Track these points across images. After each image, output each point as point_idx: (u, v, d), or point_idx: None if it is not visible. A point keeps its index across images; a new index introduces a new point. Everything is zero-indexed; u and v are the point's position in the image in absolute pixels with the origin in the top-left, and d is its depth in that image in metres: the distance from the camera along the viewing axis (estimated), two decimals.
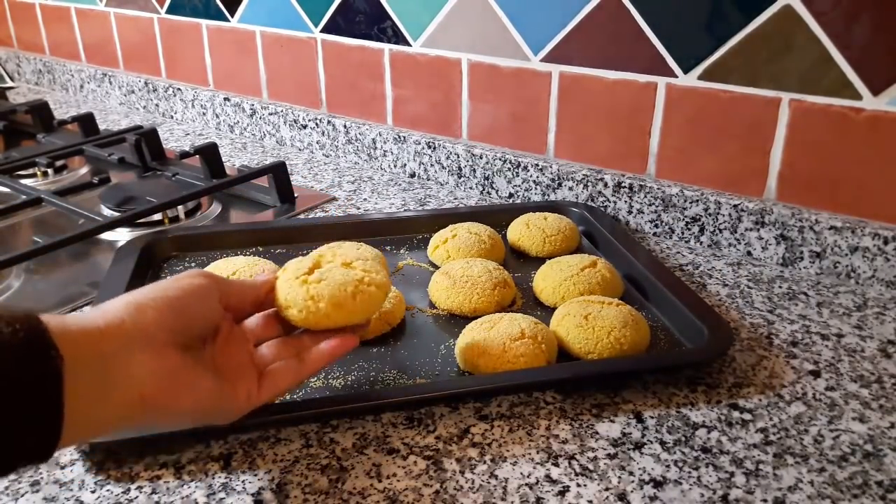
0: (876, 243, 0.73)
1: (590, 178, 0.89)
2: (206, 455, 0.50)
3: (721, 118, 0.79)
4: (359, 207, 0.94)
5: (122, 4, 1.37)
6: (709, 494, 0.47)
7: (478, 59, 0.95)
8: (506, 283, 0.68)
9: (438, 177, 1.02)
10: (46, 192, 0.88)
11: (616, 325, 0.59)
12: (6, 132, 1.20)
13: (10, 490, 0.47)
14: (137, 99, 1.39)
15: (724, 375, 0.59)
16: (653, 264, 0.72)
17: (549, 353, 0.58)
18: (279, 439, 0.51)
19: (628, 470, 0.49)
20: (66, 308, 0.69)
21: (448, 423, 0.53)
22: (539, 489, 0.47)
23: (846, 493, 0.47)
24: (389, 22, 1.01)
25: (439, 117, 1.01)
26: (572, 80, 0.88)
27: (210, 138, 1.22)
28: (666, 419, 0.54)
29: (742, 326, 0.67)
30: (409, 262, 0.78)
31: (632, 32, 0.82)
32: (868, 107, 0.71)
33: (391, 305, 0.64)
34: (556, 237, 0.79)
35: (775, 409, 0.55)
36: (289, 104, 1.18)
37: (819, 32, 0.71)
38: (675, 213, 0.84)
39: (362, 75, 1.07)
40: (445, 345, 0.62)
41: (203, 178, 0.97)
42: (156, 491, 0.47)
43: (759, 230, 0.79)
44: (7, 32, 1.65)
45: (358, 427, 0.53)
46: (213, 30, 1.24)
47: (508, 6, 0.90)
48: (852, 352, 0.63)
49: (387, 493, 0.47)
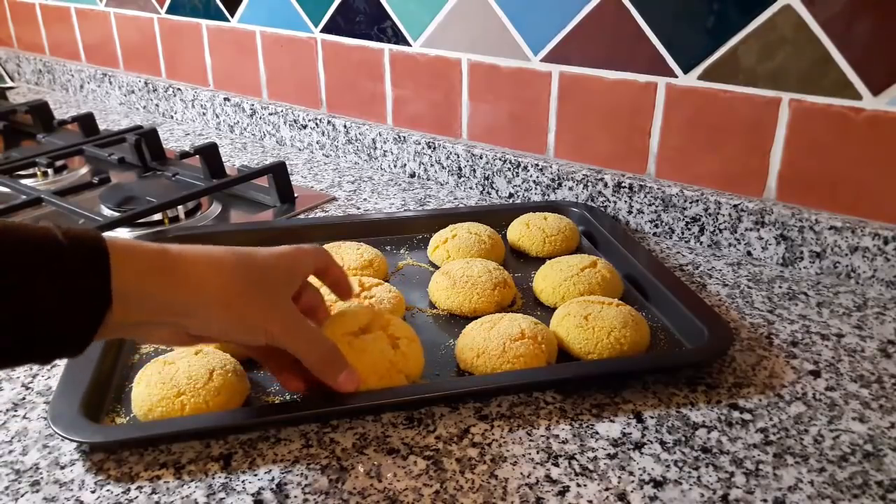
0: (876, 243, 0.73)
1: (590, 178, 0.89)
2: (206, 455, 0.50)
3: (721, 118, 0.79)
4: (359, 207, 0.94)
5: (122, 4, 1.37)
6: (709, 494, 0.47)
7: (478, 59, 0.95)
8: (506, 283, 0.68)
9: (438, 177, 1.02)
10: (46, 192, 0.88)
11: (616, 325, 0.59)
12: (6, 132, 1.20)
13: (10, 490, 0.47)
14: (137, 99, 1.39)
15: (724, 375, 0.59)
16: (653, 264, 0.72)
17: (549, 354, 0.58)
18: (279, 439, 0.51)
19: (628, 470, 0.49)
20: None
21: (448, 423, 0.53)
22: (539, 489, 0.47)
23: (846, 493, 0.47)
24: (389, 22, 1.01)
25: (439, 117, 1.01)
26: (572, 80, 0.88)
27: (210, 138, 1.22)
28: (666, 419, 0.54)
29: (742, 326, 0.67)
30: (409, 262, 0.78)
31: (632, 32, 0.82)
32: (868, 107, 0.71)
33: (391, 305, 0.64)
34: (556, 237, 0.79)
35: (775, 409, 0.55)
36: (289, 104, 1.18)
37: (819, 32, 0.71)
38: (675, 213, 0.84)
39: (362, 75, 1.07)
40: (445, 345, 0.62)
41: (203, 178, 0.97)
42: (156, 491, 0.47)
43: (759, 230, 0.79)
44: (7, 32, 1.65)
45: (358, 427, 0.53)
46: (213, 30, 1.24)
47: (508, 6, 0.90)
48: (852, 352, 0.63)
49: (387, 493, 0.47)
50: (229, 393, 0.53)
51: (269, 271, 0.48)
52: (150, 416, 0.52)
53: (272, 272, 0.48)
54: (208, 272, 0.45)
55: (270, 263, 0.49)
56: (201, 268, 0.45)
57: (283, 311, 0.49)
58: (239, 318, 0.47)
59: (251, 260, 0.48)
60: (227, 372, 0.54)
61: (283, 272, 0.49)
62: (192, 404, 0.51)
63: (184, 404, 0.51)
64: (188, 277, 0.44)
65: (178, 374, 0.53)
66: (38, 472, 0.49)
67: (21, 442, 0.51)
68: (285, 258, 0.50)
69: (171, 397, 0.51)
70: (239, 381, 0.54)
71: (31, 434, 0.52)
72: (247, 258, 0.48)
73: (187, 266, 0.44)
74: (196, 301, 0.45)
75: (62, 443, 0.51)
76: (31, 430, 0.53)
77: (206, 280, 0.45)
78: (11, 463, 0.49)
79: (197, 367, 0.53)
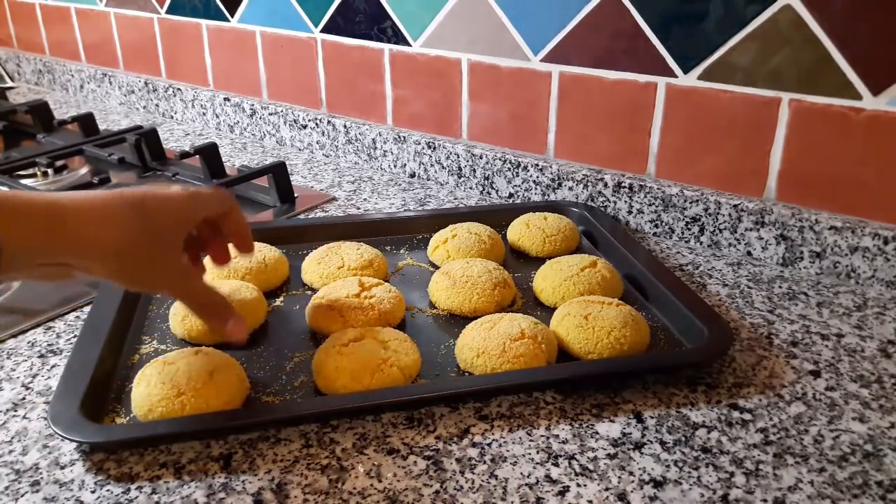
0: (876, 243, 0.73)
1: (590, 178, 0.89)
2: (206, 455, 0.50)
3: (721, 118, 0.79)
4: (359, 207, 0.94)
5: (122, 4, 1.37)
6: (709, 494, 0.47)
7: (478, 59, 0.95)
8: (506, 283, 0.68)
9: (438, 177, 1.02)
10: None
11: (616, 325, 0.59)
12: (6, 132, 1.20)
13: (11, 490, 0.47)
14: (137, 99, 1.39)
15: (724, 375, 0.59)
16: (653, 264, 0.72)
17: (549, 353, 0.58)
18: (279, 439, 0.51)
19: (628, 470, 0.49)
20: (66, 308, 0.69)
21: (448, 423, 0.53)
22: (539, 489, 0.47)
23: (846, 493, 0.47)
24: (389, 22, 1.01)
25: (439, 117, 1.01)
26: (572, 80, 0.88)
27: (210, 138, 1.22)
28: (666, 419, 0.54)
29: (742, 326, 0.67)
30: (409, 262, 0.78)
31: (632, 32, 0.82)
32: (868, 107, 0.71)
33: (391, 305, 0.64)
34: (556, 237, 0.79)
35: (775, 409, 0.55)
36: (289, 104, 1.18)
37: (819, 32, 0.71)
38: (675, 213, 0.84)
39: (362, 75, 1.07)
40: (445, 345, 0.62)
41: (203, 178, 0.97)
42: (156, 491, 0.47)
43: (759, 230, 0.79)
44: (7, 32, 1.65)
45: (358, 427, 0.53)
46: (213, 30, 1.24)
47: (508, 6, 0.90)
48: (852, 352, 0.63)
49: (387, 493, 0.47)
50: (229, 393, 0.53)
51: (159, 218, 0.48)
52: (150, 417, 0.52)
53: (162, 220, 0.49)
54: (99, 228, 0.46)
55: (162, 209, 0.49)
56: (92, 226, 0.45)
57: (170, 267, 0.50)
58: (127, 274, 0.48)
59: (142, 208, 0.48)
60: (227, 372, 0.54)
61: (173, 219, 0.50)
62: (192, 404, 0.51)
63: (184, 404, 0.51)
64: (78, 234, 0.45)
65: (178, 374, 0.53)
66: (38, 472, 0.49)
67: (21, 442, 0.51)
68: (176, 202, 0.50)
69: (171, 397, 0.51)
70: (239, 381, 0.54)
71: (31, 434, 0.52)
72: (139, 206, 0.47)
73: (77, 222, 0.45)
74: (86, 255, 0.46)
75: (62, 443, 0.51)
76: (31, 430, 0.53)
77: (96, 236, 0.46)
78: (11, 463, 0.49)
79: (197, 367, 0.53)
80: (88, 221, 0.45)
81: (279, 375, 0.58)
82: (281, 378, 0.58)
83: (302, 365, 0.59)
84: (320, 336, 0.63)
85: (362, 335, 0.58)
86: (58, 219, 0.44)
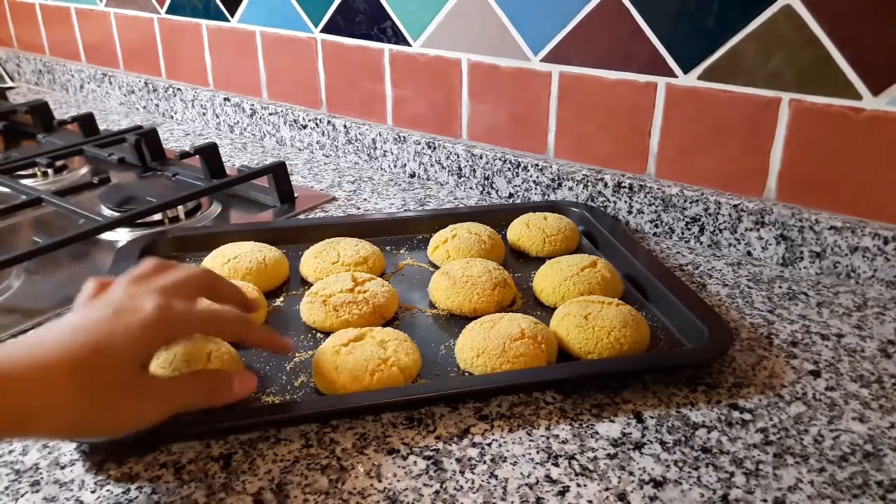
0: (876, 243, 0.73)
1: (590, 178, 0.89)
2: (206, 455, 0.50)
3: (721, 118, 0.79)
4: (359, 207, 0.94)
5: (122, 4, 1.37)
6: (709, 494, 0.47)
7: (478, 59, 0.95)
8: (506, 283, 0.68)
9: (438, 177, 1.02)
10: (46, 193, 0.88)
11: (616, 325, 0.59)
12: (6, 132, 1.20)
13: (11, 490, 0.47)
14: (137, 99, 1.39)
15: (724, 375, 0.59)
16: (653, 264, 0.72)
17: (549, 353, 0.58)
18: (279, 439, 0.51)
19: (628, 470, 0.49)
20: (66, 308, 0.69)
21: (448, 423, 0.53)
22: (539, 489, 0.47)
23: (846, 493, 0.47)
24: (389, 22, 1.01)
25: (439, 117, 1.01)
26: (572, 80, 0.88)
27: (210, 138, 1.22)
28: (666, 419, 0.54)
29: (742, 326, 0.67)
30: (409, 262, 0.78)
31: (632, 32, 0.82)
32: (868, 107, 0.71)
33: (384, 299, 0.64)
34: (556, 237, 0.79)
35: (775, 409, 0.55)
36: (289, 104, 1.18)
37: (819, 32, 0.71)
38: (675, 213, 0.84)
39: (362, 75, 1.07)
40: (445, 345, 0.62)
41: (203, 178, 0.97)
42: (156, 491, 0.47)
43: (759, 230, 0.79)
44: (7, 32, 1.65)
45: (358, 427, 0.53)
46: (213, 30, 1.23)
47: (508, 6, 0.90)
48: (852, 352, 0.63)
49: (387, 493, 0.47)
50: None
51: (108, 372, 0.42)
52: None
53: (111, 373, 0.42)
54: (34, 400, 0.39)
55: (109, 362, 0.42)
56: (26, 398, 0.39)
57: (138, 406, 0.44)
58: (87, 434, 0.46)
59: (86, 367, 0.41)
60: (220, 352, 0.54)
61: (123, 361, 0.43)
62: None
63: None
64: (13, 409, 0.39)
65: (177, 359, 0.53)
66: (38, 472, 0.49)
67: (21, 442, 0.51)
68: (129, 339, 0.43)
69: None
70: (233, 364, 0.55)
71: None
72: (82, 367, 0.41)
73: (10, 393, 0.39)
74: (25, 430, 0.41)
75: (62, 443, 0.51)
76: None
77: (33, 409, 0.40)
78: (11, 463, 0.49)
79: (196, 347, 0.54)
80: (21, 394, 0.39)
81: (279, 375, 0.58)
82: (281, 378, 0.58)
83: (302, 365, 0.59)
84: (320, 336, 0.63)
85: (362, 335, 0.58)
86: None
